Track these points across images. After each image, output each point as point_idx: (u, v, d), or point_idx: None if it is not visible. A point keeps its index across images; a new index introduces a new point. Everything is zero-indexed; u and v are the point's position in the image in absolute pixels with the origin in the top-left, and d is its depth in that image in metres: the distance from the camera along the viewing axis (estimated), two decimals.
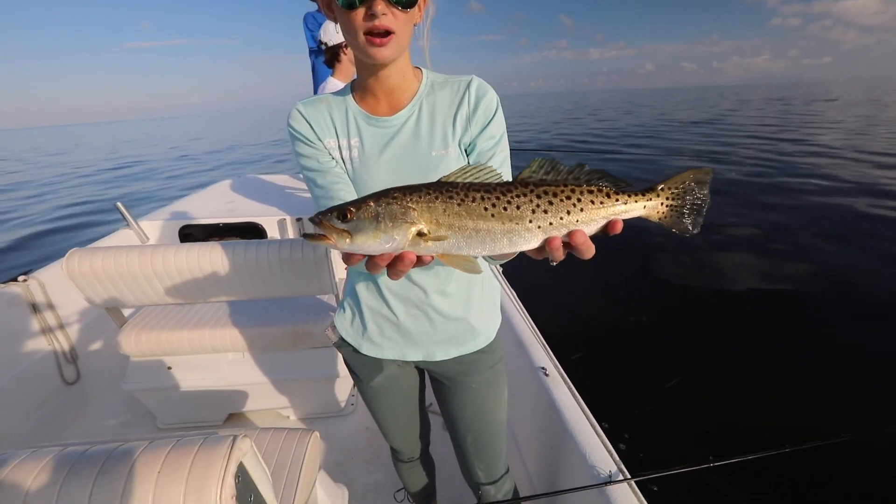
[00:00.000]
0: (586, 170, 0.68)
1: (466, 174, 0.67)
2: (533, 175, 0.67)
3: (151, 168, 18.62)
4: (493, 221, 0.65)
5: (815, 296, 4.35)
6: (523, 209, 0.65)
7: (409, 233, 0.63)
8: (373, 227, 0.63)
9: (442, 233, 0.64)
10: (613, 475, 1.19)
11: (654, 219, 0.71)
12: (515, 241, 0.66)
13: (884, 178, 9.15)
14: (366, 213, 0.63)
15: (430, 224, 0.64)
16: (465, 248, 0.66)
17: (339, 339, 1.18)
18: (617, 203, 0.68)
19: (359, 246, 0.63)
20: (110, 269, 1.64)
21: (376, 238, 0.63)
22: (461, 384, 1.17)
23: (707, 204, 0.72)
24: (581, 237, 0.65)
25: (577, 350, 3.40)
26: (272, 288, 1.80)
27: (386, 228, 0.63)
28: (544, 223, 0.65)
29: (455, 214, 0.64)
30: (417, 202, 0.64)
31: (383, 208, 0.63)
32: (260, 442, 1.31)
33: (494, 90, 1.00)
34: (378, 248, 0.63)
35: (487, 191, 0.65)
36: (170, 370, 2.04)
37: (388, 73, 0.93)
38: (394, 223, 0.63)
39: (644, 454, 2.41)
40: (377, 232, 0.63)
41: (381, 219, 0.63)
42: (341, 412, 2.28)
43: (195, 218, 3.26)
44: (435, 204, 0.64)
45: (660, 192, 0.70)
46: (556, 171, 0.67)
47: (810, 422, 2.75)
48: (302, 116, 0.98)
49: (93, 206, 10.84)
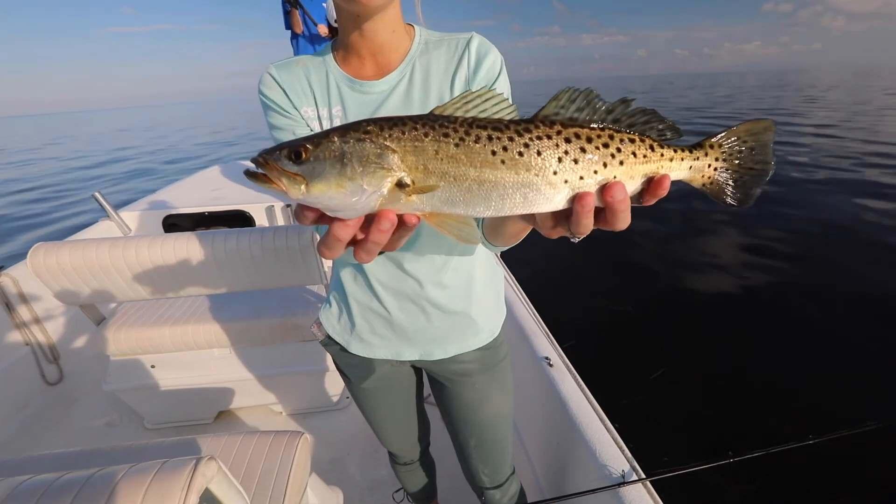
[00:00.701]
0: (631, 109, 0.51)
1: (468, 104, 0.50)
2: (560, 111, 0.50)
3: (135, 158, 18.15)
4: (504, 171, 0.48)
5: (824, 286, 4.24)
6: (546, 156, 0.48)
7: (384, 182, 0.46)
8: (335, 171, 0.46)
9: (431, 183, 0.48)
10: (627, 475, 1.10)
11: (696, 184, 0.56)
12: (532, 198, 0.49)
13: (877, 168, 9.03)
14: (326, 152, 0.46)
15: (416, 171, 0.47)
16: (462, 206, 0.49)
17: (325, 336, 1.06)
18: (662, 158, 0.52)
19: (316, 197, 0.46)
20: (79, 264, 1.52)
21: (340, 187, 0.46)
22: (463, 384, 1.05)
23: (768, 169, 0.56)
24: (620, 191, 0.48)
25: (571, 338, 3.31)
26: (257, 279, 1.69)
27: (353, 174, 0.46)
28: (572, 177, 0.49)
29: (451, 159, 0.47)
30: (399, 140, 0.47)
31: (351, 146, 0.46)
32: (245, 447, 1.21)
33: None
34: (342, 201, 0.46)
35: (497, 129, 0.48)
36: (153, 369, 1.93)
37: (376, 27, 0.79)
38: (364, 167, 0.46)
39: (652, 450, 2.29)
40: (341, 178, 0.46)
41: (347, 160, 0.46)
42: (336, 406, 2.19)
43: (180, 207, 3.12)
44: (423, 143, 0.47)
45: (709, 149, 0.55)
46: (592, 108, 0.50)
47: (832, 412, 2.62)
48: (274, 81, 0.84)
49: (72, 198, 10.56)
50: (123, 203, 3.33)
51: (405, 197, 0.47)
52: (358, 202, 0.46)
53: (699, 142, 0.55)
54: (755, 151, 0.55)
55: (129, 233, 2.94)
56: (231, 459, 1.17)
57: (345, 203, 0.46)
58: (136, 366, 1.91)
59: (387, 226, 0.47)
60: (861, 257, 4.76)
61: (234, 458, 1.17)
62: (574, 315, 3.79)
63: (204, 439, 1.21)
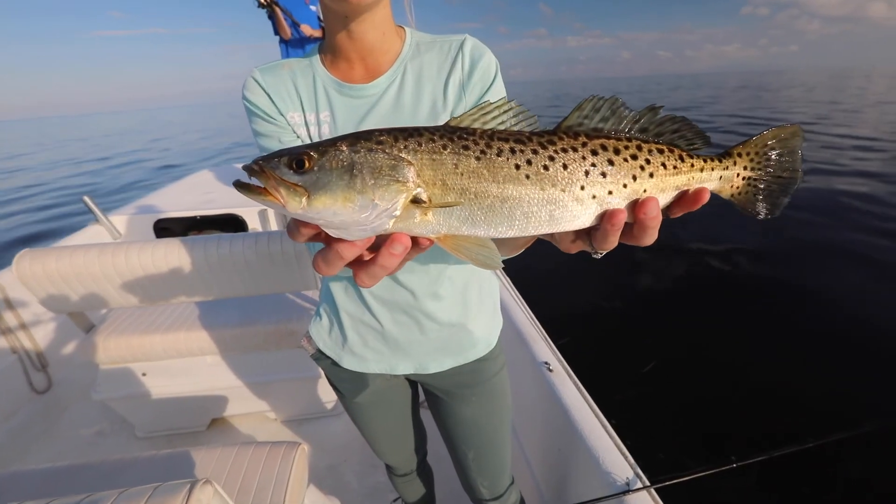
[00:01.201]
0: (659, 117, 0.48)
1: (486, 114, 0.46)
2: (585, 121, 0.47)
3: (125, 163, 17.90)
4: (529, 186, 0.44)
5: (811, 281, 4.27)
6: (572, 169, 0.45)
7: (398, 197, 0.42)
8: (343, 182, 0.41)
9: (450, 200, 0.43)
10: (631, 482, 1.08)
11: (725, 194, 0.53)
12: (558, 216, 0.45)
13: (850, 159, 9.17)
14: (333, 161, 0.42)
15: (433, 187, 0.43)
16: (483, 226, 0.45)
17: (315, 350, 1.03)
18: (692, 169, 0.49)
19: (318, 211, 0.41)
20: (66, 271, 1.47)
21: (348, 201, 0.41)
22: (459, 397, 1.02)
23: (797, 178, 0.53)
24: (653, 208, 0.45)
25: (564, 335, 3.29)
26: (251, 285, 1.65)
27: (364, 187, 0.41)
28: (601, 192, 0.45)
29: (472, 173, 0.43)
30: (416, 152, 0.43)
31: (361, 156, 0.42)
32: (240, 460, 1.18)
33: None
34: (350, 218, 0.41)
35: (519, 141, 0.45)
36: (144, 376, 1.89)
37: (365, 29, 0.76)
38: (377, 180, 0.41)
39: (655, 457, 2.28)
40: (349, 191, 0.41)
41: (357, 171, 0.41)
42: (331, 412, 2.16)
43: (171, 210, 3.07)
44: (442, 156, 0.43)
45: (737, 157, 0.52)
46: (618, 118, 0.47)
47: (832, 416, 2.60)
48: (259, 86, 0.80)
49: (62, 202, 10.38)
50: (113, 207, 3.28)
51: (420, 215, 0.43)
52: (367, 219, 0.42)
53: (727, 150, 0.53)
54: (784, 158, 0.53)
55: (119, 237, 2.89)
56: (226, 474, 1.14)
57: (352, 219, 0.41)
58: (127, 374, 1.87)
59: (399, 250, 0.43)
60: (850, 249, 4.82)
61: (229, 473, 1.14)
62: (568, 312, 3.76)
63: (197, 452, 1.18)
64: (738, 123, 16.42)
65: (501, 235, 0.46)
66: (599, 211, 0.46)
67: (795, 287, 4.18)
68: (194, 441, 2.05)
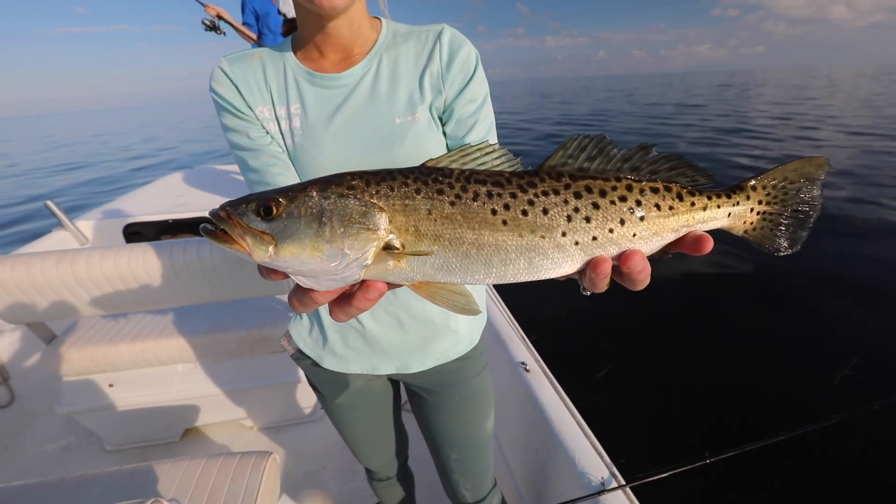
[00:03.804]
0: (652, 156, 0.44)
1: (466, 157, 0.44)
2: (569, 161, 0.44)
3: (93, 165, 17.23)
4: (506, 233, 0.42)
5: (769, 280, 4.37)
6: (553, 214, 0.42)
7: (369, 246, 0.40)
8: (311, 231, 0.40)
9: (424, 247, 0.42)
10: (607, 482, 1.08)
11: (738, 231, 0.50)
12: (538, 264, 0.43)
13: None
14: (302, 209, 0.40)
15: (406, 233, 0.41)
16: (459, 273, 0.43)
17: (295, 350, 1.01)
18: (693, 208, 0.45)
19: (285, 260, 0.40)
20: (23, 281, 1.41)
21: (316, 250, 0.39)
22: (442, 396, 1.01)
23: (816, 212, 0.49)
24: (638, 262, 0.42)
25: (534, 333, 3.29)
26: (221, 290, 1.60)
27: (332, 236, 0.40)
28: (584, 238, 0.43)
29: (446, 220, 0.41)
30: (388, 197, 0.41)
31: (332, 202, 0.40)
32: (208, 472, 1.14)
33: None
34: (319, 267, 0.40)
35: (497, 184, 0.42)
36: (111, 388, 1.82)
37: (339, 24, 0.74)
38: (346, 229, 0.40)
39: (632, 456, 2.27)
40: (317, 240, 0.40)
41: (326, 219, 0.40)
42: (309, 418, 2.12)
43: (141, 214, 2.98)
44: (415, 201, 0.41)
45: (751, 191, 0.48)
46: (605, 157, 0.44)
47: (802, 409, 2.66)
48: (227, 77, 0.76)
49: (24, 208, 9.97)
50: (79, 211, 3.16)
51: (394, 263, 0.41)
52: (336, 269, 0.40)
53: (738, 183, 0.49)
54: (803, 192, 0.49)
55: (85, 243, 2.79)
56: (192, 487, 1.10)
57: (320, 269, 0.40)
58: (93, 385, 1.80)
59: (374, 295, 0.41)
60: (824, 241, 4.94)
61: (196, 487, 1.10)
62: (545, 311, 3.76)
63: (162, 467, 1.13)
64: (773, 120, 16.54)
65: (478, 283, 0.44)
66: (584, 258, 0.44)
67: (762, 285, 4.28)
68: (167, 453, 1.99)
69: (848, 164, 8.51)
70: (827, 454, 2.33)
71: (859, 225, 5.47)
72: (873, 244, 5.00)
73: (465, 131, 0.80)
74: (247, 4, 3.51)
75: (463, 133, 0.80)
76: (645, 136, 13.21)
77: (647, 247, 0.45)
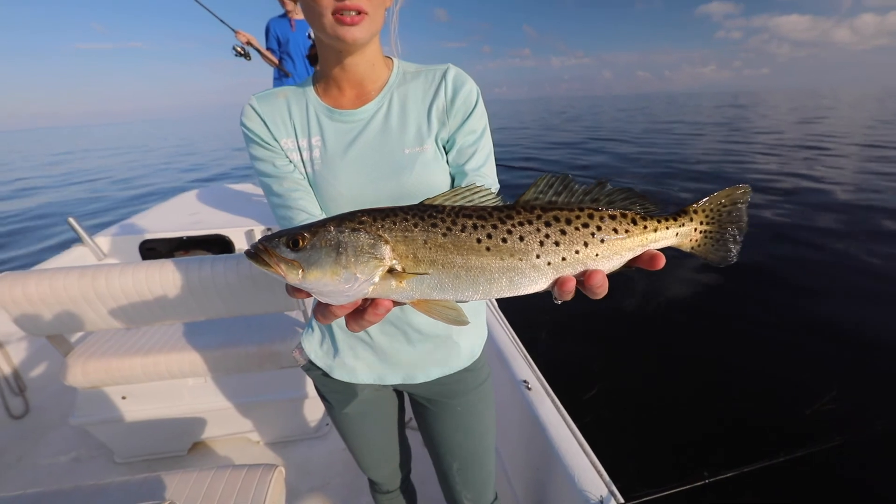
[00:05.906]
0: (608, 189, 0.54)
1: (457, 196, 0.54)
2: (540, 196, 0.54)
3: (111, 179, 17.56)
4: (489, 257, 0.51)
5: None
6: (528, 241, 0.52)
7: (376, 271, 0.51)
8: (331, 260, 0.50)
9: (421, 270, 0.52)
10: (605, 500, 1.10)
11: (686, 248, 0.60)
12: (518, 282, 0.53)
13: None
14: (323, 241, 0.51)
15: (406, 259, 0.51)
16: (451, 291, 0.52)
17: (307, 361, 1.06)
18: (646, 231, 0.55)
19: (312, 284, 0.51)
20: (46, 294, 1.47)
21: (335, 275, 0.50)
22: (445, 406, 1.06)
23: (744, 229, 0.61)
24: (599, 279, 0.52)
25: (543, 352, 3.26)
26: (233, 306, 1.66)
27: (347, 263, 0.50)
28: (555, 259, 0.52)
29: (439, 247, 0.51)
30: (391, 230, 0.51)
31: (346, 236, 0.51)
32: (215, 484, 1.17)
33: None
34: (337, 288, 0.50)
35: (481, 217, 0.52)
36: (124, 400, 1.87)
37: (356, 61, 0.83)
38: (357, 257, 0.50)
39: (631, 473, 2.26)
40: (336, 267, 0.50)
41: (342, 250, 0.50)
42: (315, 434, 2.14)
43: (157, 231, 3.07)
44: (413, 233, 0.51)
45: (693, 214, 0.59)
46: (570, 192, 0.54)
47: (804, 429, 2.63)
48: (256, 113, 0.86)
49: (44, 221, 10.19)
50: (99, 227, 3.27)
51: (396, 283, 0.51)
52: (350, 289, 0.50)
53: (682, 209, 0.59)
54: (734, 213, 0.60)
55: (103, 258, 2.88)
56: (201, 497, 1.13)
57: (338, 289, 0.50)
58: (106, 398, 1.85)
59: (382, 311, 0.52)
60: (818, 256, 4.92)
61: (205, 496, 1.13)
62: (548, 329, 3.75)
63: (171, 477, 1.17)
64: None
65: (468, 300, 0.53)
66: (556, 275, 0.53)
67: (765, 301, 4.26)
68: (174, 465, 2.02)
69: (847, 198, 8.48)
70: (827, 476, 2.30)
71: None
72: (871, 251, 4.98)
73: (465, 159, 0.88)
74: (270, 31, 3.71)
75: (464, 161, 0.88)
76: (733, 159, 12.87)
77: (609, 264, 0.54)
